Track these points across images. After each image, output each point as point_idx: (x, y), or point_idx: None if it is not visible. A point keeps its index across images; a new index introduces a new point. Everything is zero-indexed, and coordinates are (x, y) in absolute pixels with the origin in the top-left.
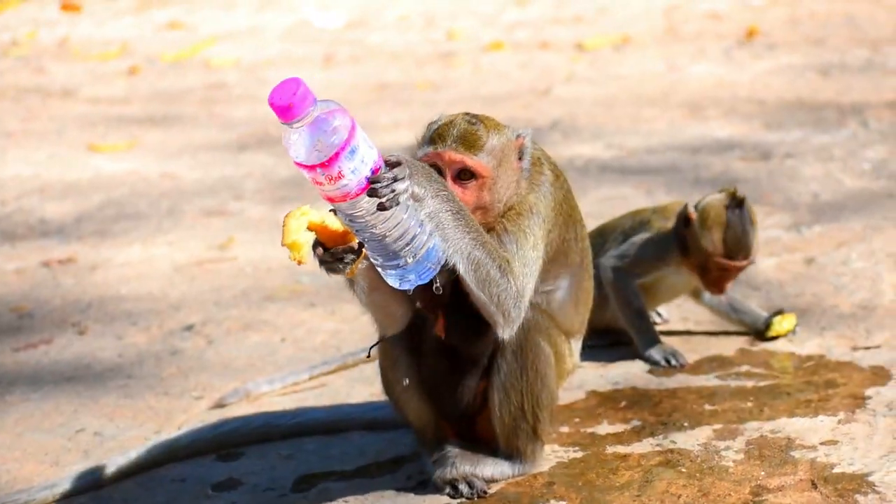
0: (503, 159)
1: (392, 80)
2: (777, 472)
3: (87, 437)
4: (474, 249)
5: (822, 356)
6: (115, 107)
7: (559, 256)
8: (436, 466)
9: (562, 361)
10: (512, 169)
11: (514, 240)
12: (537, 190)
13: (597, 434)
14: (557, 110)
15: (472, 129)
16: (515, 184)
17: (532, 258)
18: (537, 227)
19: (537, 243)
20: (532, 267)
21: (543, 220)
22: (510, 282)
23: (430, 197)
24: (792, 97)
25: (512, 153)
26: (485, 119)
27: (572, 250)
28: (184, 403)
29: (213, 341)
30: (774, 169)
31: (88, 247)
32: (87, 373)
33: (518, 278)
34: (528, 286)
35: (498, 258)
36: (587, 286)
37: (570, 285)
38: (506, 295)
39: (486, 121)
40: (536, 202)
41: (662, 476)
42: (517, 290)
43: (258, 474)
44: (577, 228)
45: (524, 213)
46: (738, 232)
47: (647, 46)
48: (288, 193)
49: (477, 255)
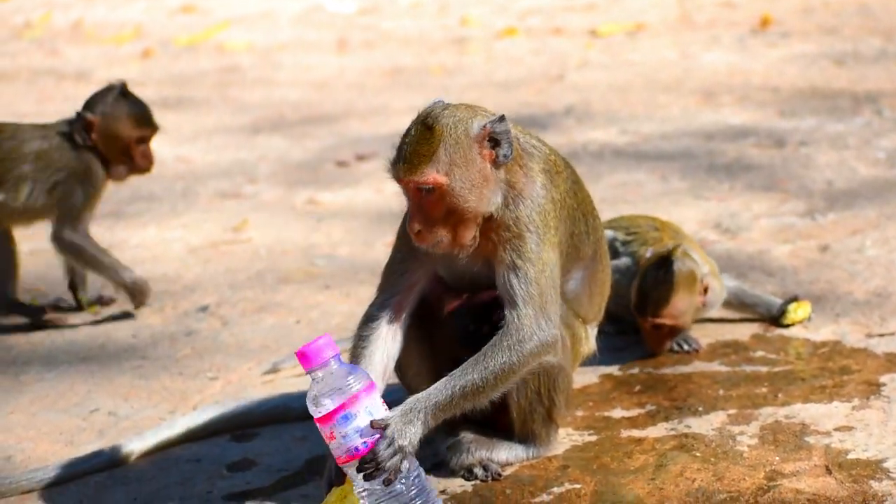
0: (460, 157)
1: (405, 65)
2: (791, 458)
3: (102, 417)
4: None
5: (836, 342)
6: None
7: (570, 251)
8: (451, 453)
9: (577, 345)
10: (478, 162)
11: (524, 275)
12: (527, 198)
13: (611, 418)
14: (571, 96)
15: (422, 139)
16: (490, 175)
17: (546, 280)
18: (540, 243)
19: (547, 260)
20: (550, 289)
21: (544, 230)
22: (533, 341)
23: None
24: (806, 85)
25: (472, 146)
26: (444, 114)
27: (584, 243)
28: (198, 384)
29: (228, 323)
30: (789, 156)
31: (103, 228)
32: (102, 353)
33: (536, 321)
34: (552, 312)
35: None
36: (601, 277)
37: (584, 277)
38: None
39: (444, 116)
40: (531, 215)
41: (677, 460)
42: (542, 332)
43: (272, 455)
44: (587, 221)
45: (523, 236)
46: (647, 287)
47: (661, 34)
48: (302, 176)
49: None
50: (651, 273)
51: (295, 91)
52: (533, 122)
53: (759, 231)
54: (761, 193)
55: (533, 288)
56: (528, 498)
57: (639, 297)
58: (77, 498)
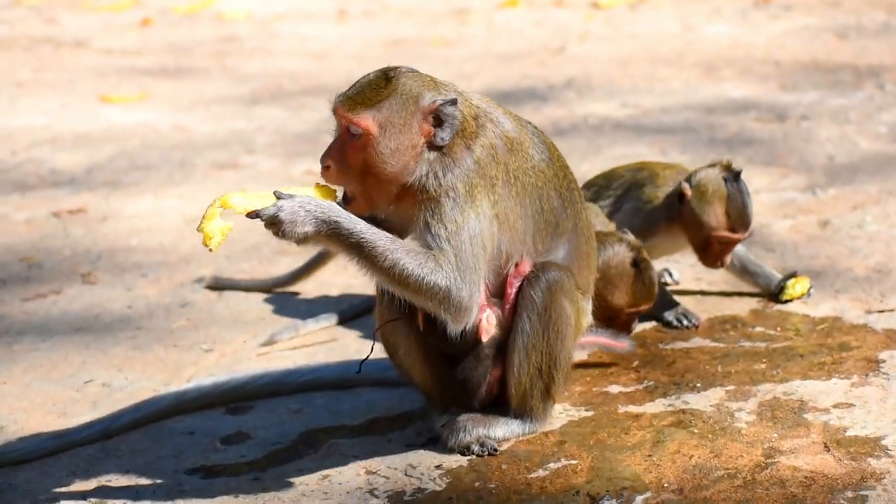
0: (399, 119)
1: (405, 36)
2: (790, 434)
3: (96, 389)
4: (390, 261)
5: (836, 318)
6: (127, 58)
7: (546, 227)
8: (448, 432)
9: (581, 318)
10: (414, 132)
11: (435, 234)
12: (456, 167)
13: (609, 393)
14: (572, 68)
15: (374, 85)
16: (418, 152)
17: (464, 243)
18: (457, 209)
19: (462, 223)
20: (468, 254)
21: (465, 198)
22: (444, 279)
23: (318, 227)
24: (808, 59)
25: (416, 115)
26: (408, 77)
27: (561, 217)
28: (193, 356)
29: (223, 294)
30: (790, 130)
31: (99, 197)
32: (96, 324)
33: (452, 272)
34: (468, 276)
35: (420, 261)
36: (586, 249)
37: (570, 250)
38: (443, 294)
39: (407, 78)
40: (454, 183)
41: (674, 436)
42: (454, 284)
43: (267, 428)
44: (561, 195)
45: (439, 200)
46: (740, 204)
47: (663, 6)
48: (300, 148)
49: (397, 267)
50: (733, 191)
51: (294, 61)
52: (533, 94)
53: (760, 206)
54: (762, 168)
55: (445, 244)
56: (525, 473)
57: (732, 217)
58: (69, 469)
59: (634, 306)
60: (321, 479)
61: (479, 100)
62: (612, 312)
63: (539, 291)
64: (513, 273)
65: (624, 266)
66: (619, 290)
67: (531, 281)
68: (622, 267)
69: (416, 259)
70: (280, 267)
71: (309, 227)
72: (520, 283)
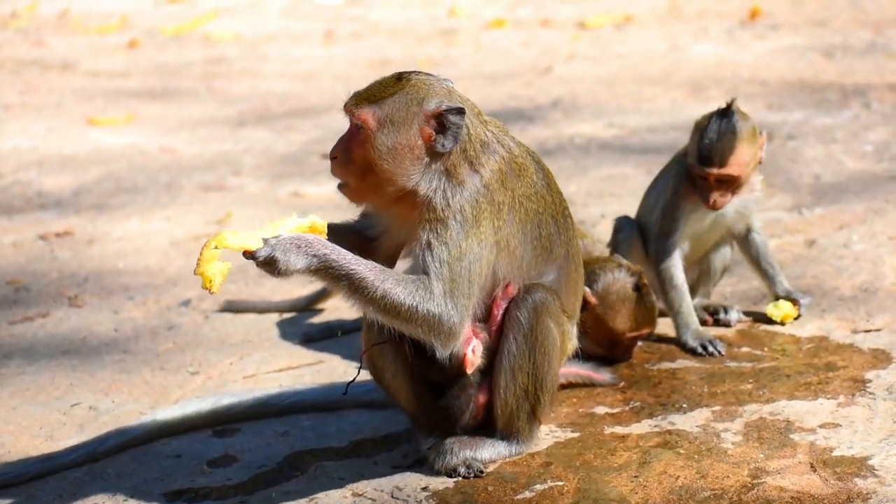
0: (399, 118)
1: (393, 56)
2: (776, 455)
3: (83, 412)
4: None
5: (822, 338)
6: (114, 80)
7: (541, 252)
8: (435, 455)
9: (566, 342)
10: (413, 133)
11: (437, 255)
12: (465, 190)
13: (595, 414)
14: (559, 89)
15: (384, 83)
16: (420, 154)
17: (463, 269)
18: (463, 233)
19: (466, 250)
20: (464, 280)
21: (473, 223)
22: (435, 306)
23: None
24: (794, 78)
25: (417, 117)
26: (420, 78)
27: (555, 244)
28: (180, 379)
29: (210, 317)
30: (776, 150)
31: (86, 220)
32: (83, 347)
33: (443, 298)
34: (460, 302)
35: (410, 290)
36: (574, 276)
37: (559, 276)
38: (434, 321)
39: (419, 81)
40: (462, 205)
41: (661, 457)
42: (444, 310)
43: (254, 451)
44: (556, 222)
45: (446, 222)
46: (711, 138)
47: (650, 25)
48: (286, 169)
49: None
50: (714, 125)
51: (281, 83)
52: (520, 114)
53: None
54: None
55: (445, 269)
56: (511, 495)
57: (703, 149)
58: (56, 493)
59: (636, 331)
60: (308, 501)
61: (492, 124)
62: (613, 338)
63: (525, 312)
64: (500, 295)
65: (625, 291)
66: (620, 315)
67: (517, 302)
68: (623, 292)
69: (407, 288)
70: (265, 289)
71: (301, 263)
72: (506, 304)
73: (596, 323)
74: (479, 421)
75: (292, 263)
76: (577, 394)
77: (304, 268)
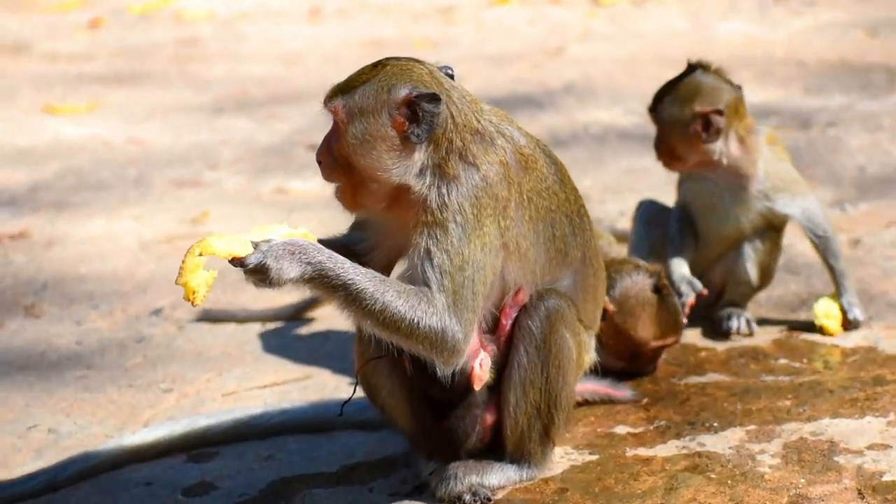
0: (367, 109)
1: (386, 37)
2: (819, 480)
3: (41, 435)
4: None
5: (869, 349)
6: (74, 64)
7: (555, 255)
8: (438, 480)
9: (582, 354)
10: (383, 124)
11: (437, 265)
12: (462, 185)
13: (615, 434)
14: (571, 72)
15: (362, 70)
16: (396, 145)
17: (466, 279)
18: (464, 238)
19: (468, 257)
20: (467, 291)
21: (474, 225)
22: (438, 321)
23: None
24: (835, 58)
25: (385, 106)
26: (398, 65)
27: (570, 246)
28: (151, 397)
29: (185, 328)
30: (815, 139)
31: (44, 220)
32: (42, 362)
33: (446, 313)
34: (464, 316)
35: (412, 303)
36: (593, 282)
37: (575, 282)
38: (436, 337)
39: (395, 67)
40: (462, 204)
41: (689, 483)
42: (448, 325)
43: (234, 477)
44: (571, 222)
45: (446, 226)
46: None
47: (671, 2)
48: (269, 162)
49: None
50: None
51: (262, 66)
52: (529, 101)
53: None
54: None
55: (447, 280)
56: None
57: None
58: None
59: (661, 339)
60: None
61: (491, 112)
62: (635, 348)
63: (537, 321)
64: (510, 303)
65: (645, 294)
66: (642, 322)
67: (528, 310)
68: (643, 295)
69: (409, 301)
70: (247, 296)
71: (295, 271)
72: (516, 313)
73: (615, 332)
74: (487, 443)
75: (285, 272)
76: (596, 412)
77: (297, 276)
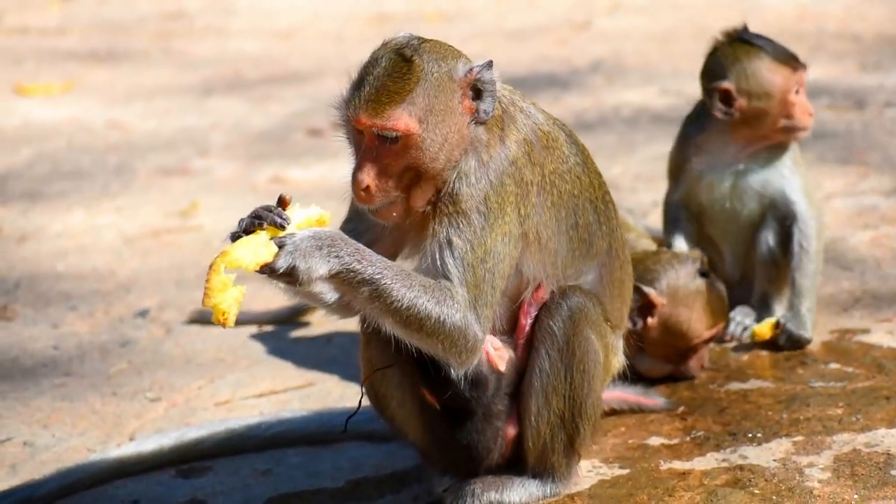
0: (441, 105)
1: (394, 10)
2: (873, 496)
3: (15, 449)
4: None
5: None
6: (47, 39)
7: (579, 245)
8: (452, 496)
9: (609, 357)
10: (458, 113)
11: (459, 257)
12: (489, 169)
13: (648, 446)
14: (599, 48)
15: (396, 74)
16: (466, 133)
17: (487, 272)
18: (487, 228)
19: (490, 249)
20: (488, 285)
21: (498, 213)
22: (461, 318)
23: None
24: (894, 32)
25: (456, 93)
26: (423, 48)
27: (595, 235)
28: (136, 407)
29: (173, 331)
30: (871, 120)
31: (15, 212)
32: (15, 369)
33: (468, 308)
34: (483, 312)
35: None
36: (619, 276)
37: (600, 276)
38: (457, 334)
39: (424, 51)
40: (487, 193)
41: (730, 499)
42: (469, 322)
43: (228, 494)
44: (596, 209)
45: (469, 215)
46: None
47: None
48: (264, 149)
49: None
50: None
51: (255, 42)
52: (552, 80)
53: (833, 214)
54: (836, 167)
55: (469, 273)
56: None
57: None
58: None
59: (713, 326)
60: None
61: (507, 88)
62: (687, 344)
63: (559, 321)
64: (528, 300)
65: (695, 283)
66: (695, 313)
67: (550, 309)
68: (693, 285)
69: (434, 296)
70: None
71: (323, 268)
72: (536, 312)
73: (664, 330)
74: (507, 459)
75: (314, 270)
76: (626, 421)
77: (325, 273)
